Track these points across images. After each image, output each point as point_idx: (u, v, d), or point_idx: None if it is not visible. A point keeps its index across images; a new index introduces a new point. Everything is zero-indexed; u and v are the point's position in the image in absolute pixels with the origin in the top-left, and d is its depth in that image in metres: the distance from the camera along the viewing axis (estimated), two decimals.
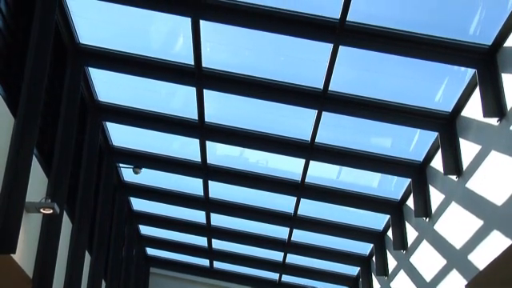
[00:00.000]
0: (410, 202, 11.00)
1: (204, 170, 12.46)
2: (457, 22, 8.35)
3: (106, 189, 12.60)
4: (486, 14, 8.13)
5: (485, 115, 7.86)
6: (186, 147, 12.69)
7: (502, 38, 7.77)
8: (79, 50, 10.07)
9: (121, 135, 12.57)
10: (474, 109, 8.53)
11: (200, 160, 12.21)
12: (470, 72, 8.57)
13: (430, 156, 10.27)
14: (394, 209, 11.86)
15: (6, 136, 7.71)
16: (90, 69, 10.67)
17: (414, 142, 10.95)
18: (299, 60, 9.94)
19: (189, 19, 8.99)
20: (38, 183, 8.82)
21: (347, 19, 8.36)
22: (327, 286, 15.76)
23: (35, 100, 8.02)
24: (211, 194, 13.42)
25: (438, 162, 9.79)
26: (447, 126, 9.36)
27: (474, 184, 8.47)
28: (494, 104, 7.80)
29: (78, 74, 10.11)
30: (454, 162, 9.09)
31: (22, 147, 7.78)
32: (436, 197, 9.99)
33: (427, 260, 10.20)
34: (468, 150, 8.75)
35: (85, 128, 11.24)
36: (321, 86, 9.62)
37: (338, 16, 8.37)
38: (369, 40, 8.57)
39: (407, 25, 8.38)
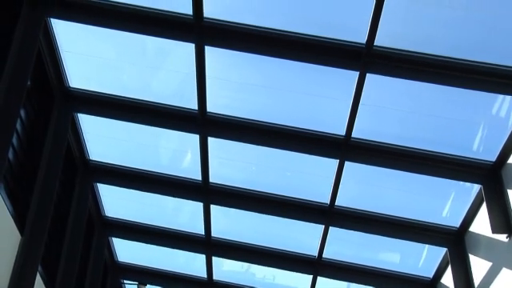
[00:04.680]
0: None
1: (210, 287, 12.22)
2: (460, 138, 8.50)
3: None
4: (489, 131, 8.30)
5: (493, 231, 7.81)
6: (191, 262, 12.54)
7: (505, 154, 7.89)
8: (89, 167, 10.21)
9: (126, 250, 12.45)
10: (482, 224, 8.48)
11: (206, 276, 12.01)
12: (476, 187, 8.62)
13: (440, 272, 10.08)
14: None
15: (11, 253, 7.66)
16: (98, 184, 10.78)
17: (422, 258, 10.79)
18: (305, 175, 10.03)
19: (197, 136, 9.20)
20: None
21: (352, 136, 8.54)
22: None
23: (43, 219, 8.08)
24: None
25: (448, 279, 9.58)
26: (456, 242, 9.27)
27: None
28: (501, 220, 7.78)
29: (86, 190, 10.20)
30: (464, 280, 8.91)
31: (27, 266, 7.73)
32: None
33: None
34: (479, 266, 8.61)
35: (90, 243, 11.16)
36: (327, 200, 9.65)
37: (343, 133, 8.55)
38: (374, 156, 8.70)
39: (411, 141, 8.54)
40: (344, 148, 8.66)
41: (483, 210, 8.35)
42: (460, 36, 7.45)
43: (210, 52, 8.02)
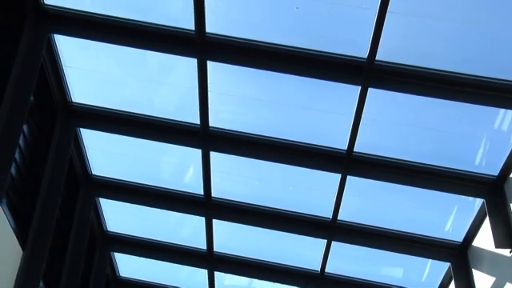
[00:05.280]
0: None
1: None
2: (462, 153, 8.49)
3: None
4: (491, 145, 8.29)
5: (496, 246, 7.78)
6: (193, 277, 12.47)
7: (508, 168, 7.88)
8: (91, 181, 10.21)
9: (128, 264, 12.39)
10: (485, 239, 8.45)
11: None
12: (478, 201, 8.60)
13: (443, 287, 10.02)
14: None
15: (13, 268, 7.64)
16: (100, 199, 10.77)
17: (426, 273, 10.74)
18: (308, 189, 10.01)
19: (199, 150, 9.20)
20: None
21: (354, 150, 8.54)
22: None
23: (45, 234, 8.08)
24: None
25: None
26: (459, 257, 9.22)
27: None
28: (505, 234, 7.75)
29: (88, 205, 10.19)
30: None
31: (28, 281, 7.71)
32: None
33: None
34: (482, 281, 8.56)
35: (92, 258, 11.13)
36: (330, 215, 9.63)
37: (345, 147, 8.55)
38: (376, 170, 8.69)
39: (413, 155, 8.54)
40: (346, 162, 8.65)
41: (486, 225, 8.32)
42: (461, 50, 7.47)
43: (212, 67, 8.05)
